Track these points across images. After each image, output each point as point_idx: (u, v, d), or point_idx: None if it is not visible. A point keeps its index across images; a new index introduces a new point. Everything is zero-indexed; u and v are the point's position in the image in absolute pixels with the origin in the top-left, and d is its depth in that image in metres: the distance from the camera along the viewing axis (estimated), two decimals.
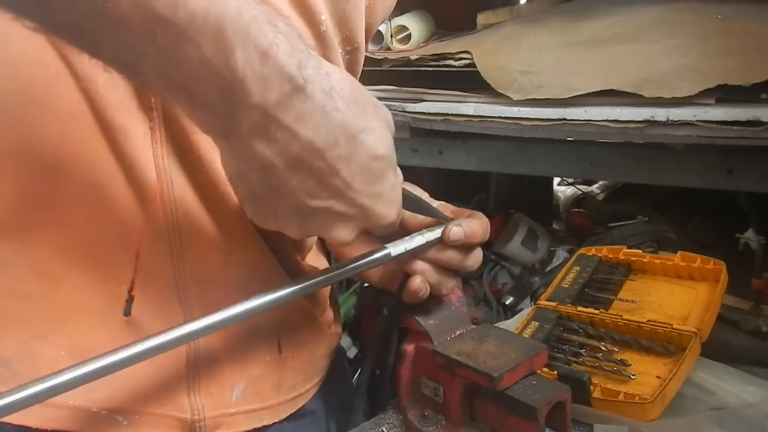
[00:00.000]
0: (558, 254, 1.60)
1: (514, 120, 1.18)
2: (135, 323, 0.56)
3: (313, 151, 0.43)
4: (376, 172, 0.48)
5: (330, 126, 0.43)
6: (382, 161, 0.48)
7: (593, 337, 0.89)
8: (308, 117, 0.42)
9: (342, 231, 0.49)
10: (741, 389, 0.80)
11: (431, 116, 1.27)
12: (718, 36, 1.11)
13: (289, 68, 0.40)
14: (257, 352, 0.63)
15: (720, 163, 1.10)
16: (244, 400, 0.64)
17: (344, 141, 0.44)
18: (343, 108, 0.44)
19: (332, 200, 0.46)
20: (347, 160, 0.45)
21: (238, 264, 0.59)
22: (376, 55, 1.41)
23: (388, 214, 0.50)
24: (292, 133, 0.42)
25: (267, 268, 0.62)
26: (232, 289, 0.58)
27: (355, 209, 0.48)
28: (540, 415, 0.58)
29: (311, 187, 0.45)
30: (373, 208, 0.49)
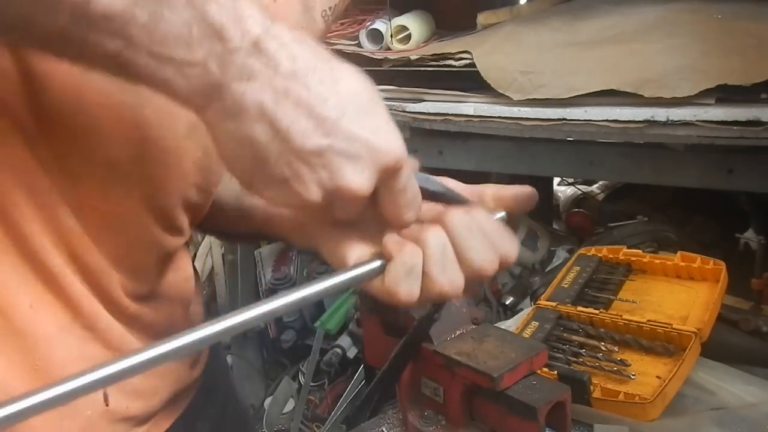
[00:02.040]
0: (558, 254, 1.60)
1: (514, 120, 1.18)
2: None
3: (296, 77, 0.43)
4: (365, 103, 0.46)
5: (305, 54, 0.44)
6: (364, 90, 0.46)
7: (593, 337, 0.89)
8: (286, 46, 0.43)
9: (352, 173, 0.45)
10: (741, 389, 0.80)
11: (431, 116, 1.27)
12: (718, 36, 1.11)
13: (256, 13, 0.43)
14: (76, 407, 0.55)
15: (720, 163, 1.10)
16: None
17: (322, 67, 0.45)
18: (311, 43, 0.45)
19: (330, 137, 0.44)
20: (332, 86, 0.45)
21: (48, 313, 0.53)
22: (376, 55, 1.42)
23: (395, 147, 0.47)
24: (274, 65, 0.43)
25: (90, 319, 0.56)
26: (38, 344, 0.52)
27: (357, 144, 0.45)
28: (540, 415, 0.58)
29: (304, 124, 0.44)
30: (376, 141, 0.46)
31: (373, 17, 1.47)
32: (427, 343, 0.67)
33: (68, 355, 0.54)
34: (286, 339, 2.18)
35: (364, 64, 1.42)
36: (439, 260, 0.51)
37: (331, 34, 1.48)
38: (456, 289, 0.51)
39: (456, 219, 0.52)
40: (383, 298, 0.52)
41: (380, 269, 0.51)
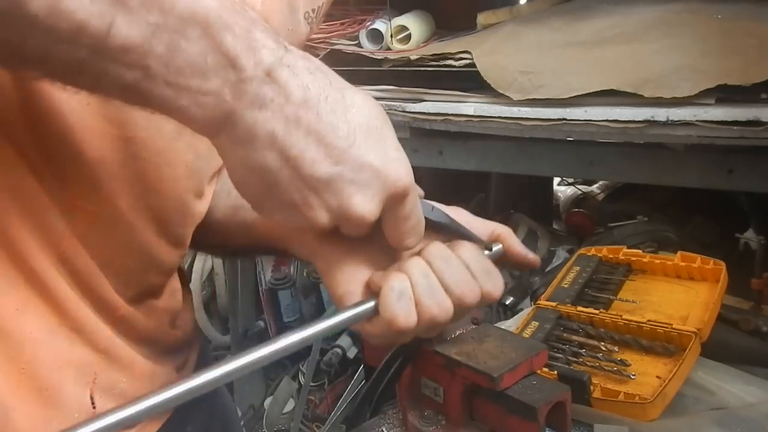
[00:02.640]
0: (558, 254, 1.60)
1: (514, 120, 1.18)
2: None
3: (308, 105, 0.44)
4: (374, 127, 0.47)
5: (317, 82, 0.45)
6: (376, 118, 0.48)
7: (593, 337, 0.89)
8: (296, 77, 0.44)
9: (361, 201, 0.47)
10: (741, 389, 0.80)
11: (431, 116, 1.27)
12: (717, 36, 1.11)
13: (270, 40, 0.44)
14: (63, 408, 0.55)
15: (720, 163, 1.10)
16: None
17: (333, 95, 0.46)
18: (325, 70, 0.47)
19: (339, 165, 0.46)
20: (343, 114, 0.46)
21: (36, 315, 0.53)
22: (376, 55, 1.42)
23: (403, 175, 0.48)
24: (286, 94, 0.44)
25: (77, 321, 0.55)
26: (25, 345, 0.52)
27: (366, 172, 0.47)
28: (540, 415, 0.58)
29: (314, 152, 0.45)
30: (384, 169, 0.47)
31: (373, 17, 1.47)
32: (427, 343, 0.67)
33: (55, 357, 0.54)
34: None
35: (364, 64, 1.42)
36: (424, 285, 0.53)
37: (331, 34, 1.48)
38: (445, 312, 0.53)
39: (433, 250, 0.55)
40: (384, 332, 0.54)
41: (374, 309, 0.53)
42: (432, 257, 0.54)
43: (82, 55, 0.39)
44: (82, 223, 0.53)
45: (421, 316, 0.53)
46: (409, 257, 0.55)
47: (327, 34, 1.48)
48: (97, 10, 0.38)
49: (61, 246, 0.52)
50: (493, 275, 0.57)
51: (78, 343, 0.55)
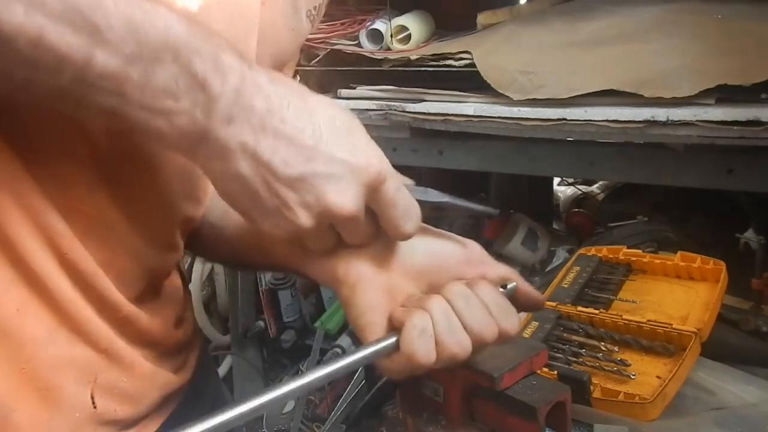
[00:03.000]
0: (558, 254, 1.60)
1: (514, 120, 1.18)
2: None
3: (271, 114, 0.48)
4: (341, 126, 0.50)
5: (279, 92, 0.49)
6: (343, 116, 0.51)
7: (593, 337, 0.89)
8: (258, 91, 0.48)
9: (337, 193, 0.49)
10: (741, 389, 0.80)
11: (431, 116, 1.27)
12: (717, 36, 1.11)
13: (236, 62, 0.47)
14: (64, 408, 0.56)
15: (720, 163, 1.10)
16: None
17: (296, 102, 0.49)
18: (287, 82, 0.50)
19: (310, 163, 0.48)
20: (307, 115, 0.49)
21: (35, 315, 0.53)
22: (376, 55, 1.42)
23: (374, 162, 0.51)
24: (250, 107, 0.47)
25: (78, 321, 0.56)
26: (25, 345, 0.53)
27: (337, 166, 0.49)
28: (540, 415, 0.58)
29: (283, 153, 0.48)
30: (355, 159, 0.50)
31: (373, 17, 1.47)
32: None
33: (56, 357, 0.54)
34: (286, 339, 2.18)
35: (364, 64, 1.42)
36: (445, 324, 0.54)
37: (331, 34, 1.48)
38: (464, 350, 0.55)
39: (454, 288, 0.56)
40: (403, 368, 0.55)
41: (395, 345, 0.54)
42: (452, 296, 0.56)
43: (63, 83, 0.42)
44: (81, 224, 0.53)
45: (440, 354, 0.54)
46: (431, 295, 0.56)
47: (327, 34, 1.47)
48: (77, 45, 0.41)
49: (61, 247, 0.52)
50: (510, 313, 0.58)
51: (79, 343, 0.55)
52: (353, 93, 1.39)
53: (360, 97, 1.38)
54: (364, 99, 1.37)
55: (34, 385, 0.53)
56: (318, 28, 1.46)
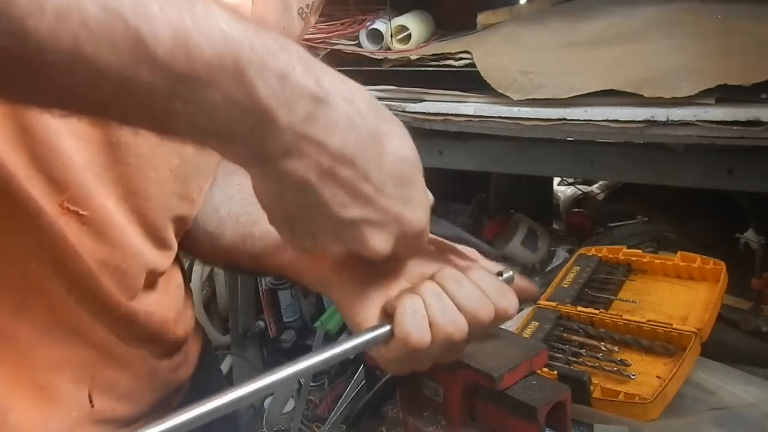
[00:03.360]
0: (558, 254, 1.60)
1: (514, 120, 1.18)
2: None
3: (343, 159, 0.44)
4: (405, 175, 0.48)
5: (356, 132, 0.44)
6: (409, 163, 0.48)
7: (593, 337, 0.89)
8: (335, 126, 0.43)
9: (378, 240, 0.49)
10: (741, 389, 0.80)
11: (431, 116, 1.27)
12: (717, 36, 1.11)
13: (308, 85, 0.42)
14: (61, 407, 0.56)
15: (720, 163, 1.10)
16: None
17: (372, 145, 0.45)
18: (365, 113, 0.45)
19: (365, 208, 0.47)
20: (377, 164, 0.46)
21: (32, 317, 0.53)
22: (376, 55, 1.42)
23: (419, 219, 0.50)
24: (322, 145, 0.43)
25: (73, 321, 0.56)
26: (22, 346, 0.53)
27: (388, 216, 0.48)
28: (540, 415, 0.58)
29: (343, 198, 0.45)
30: (405, 214, 0.49)
31: (373, 17, 1.47)
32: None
33: (52, 356, 0.54)
34: (286, 339, 2.18)
35: (364, 64, 1.42)
36: (437, 304, 0.53)
37: (331, 34, 1.48)
38: (460, 329, 0.53)
39: (445, 273, 0.56)
40: (400, 355, 0.54)
41: (390, 332, 0.53)
42: (444, 279, 0.55)
43: (105, 97, 0.37)
44: (75, 226, 0.53)
45: (435, 335, 0.53)
46: (422, 281, 0.56)
47: (327, 34, 1.47)
48: (119, 59, 0.35)
49: (56, 250, 0.52)
50: (507, 293, 0.57)
51: (75, 343, 0.56)
52: None
53: None
54: None
55: (31, 384, 0.53)
56: (318, 28, 1.46)
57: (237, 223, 0.69)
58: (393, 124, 0.48)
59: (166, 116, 0.39)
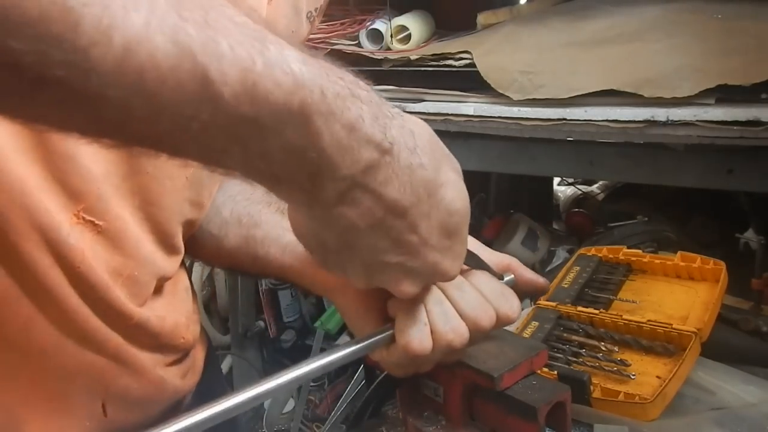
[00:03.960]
0: (558, 254, 1.60)
1: (514, 120, 1.18)
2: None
3: (396, 210, 0.43)
4: (452, 227, 0.47)
5: (414, 184, 0.43)
6: (459, 215, 0.47)
7: (593, 337, 0.89)
8: (395, 178, 0.42)
9: (409, 285, 0.48)
10: (741, 389, 0.80)
11: (431, 116, 1.27)
12: (718, 36, 1.11)
13: (375, 136, 0.40)
14: (75, 417, 0.56)
15: (720, 163, 1.10)
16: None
17: (426, 197, 0.44)
18: (426, 163, 0.44)
19: (406, 256, 0.46)
20: (427, 216, 0.45)
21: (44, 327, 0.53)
22: (376, 55, 1.42)
23: (453, 269, 0.49)
24: (378, 196, 0.42)
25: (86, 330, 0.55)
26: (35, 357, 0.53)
27: (426, 266, 0.47)
28: (540, 415, 0.58)
29: (387, 245, 0.45)
30: (442, 264, 0.48)
31: (373, 17, 1.47)
32: None
33: (65, 367, 0.54)
34: (286, 339, 2.18)
35: (364, 64, 1.42)
36: (438, 311, 0.53)
37: (331, 34, 1.48)
38: (460, 336, 0.54)
39: None
40: (401, 360, 0.54)
41: (391, 336, 0.54)
42: (445, 286, 0.55)
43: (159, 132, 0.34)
44: (90, 236, 0.53)
45: (437, 342, 0.53)
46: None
47: (327, 34, 1.47)
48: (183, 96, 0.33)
49: (72, 260, 0.52)
50: (509, 297, 0.57)
51: (88, 352, 0.55)
52: None
53: None
54: None
55: (45, 395, 0.53)
56: (318, 28, 1.46)
57: (239, 224, 0.69)
58: (450, 171, 0.47)
59: (222, 156, 0.37)
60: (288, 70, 0.36)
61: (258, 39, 0.35)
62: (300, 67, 0.36)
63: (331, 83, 0.38)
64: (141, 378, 0.61)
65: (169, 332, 0.63)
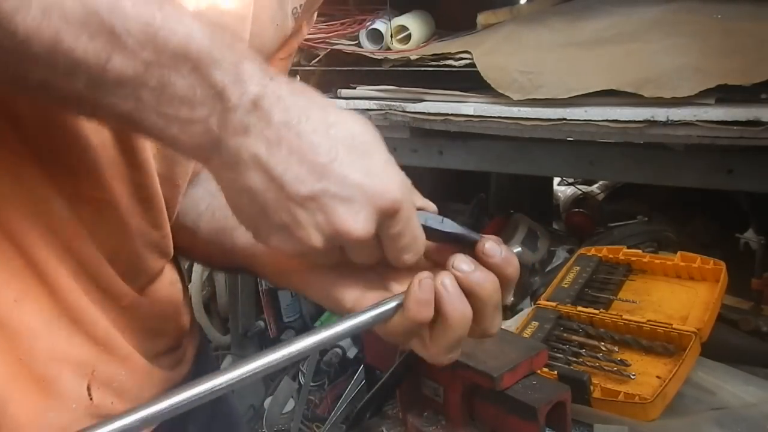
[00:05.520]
0: (558, 254, 1.60)
1: (514, 120, 1.18)
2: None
3: (288, 127, 0.46)
4: (360, 146, 0.48)
5: (299, 103, 0.47)
6: (364, 136, 0.48)
7: (593, 337, 0.89)
8: (278, 102, 0.46)
9: (349, 216, 0.47)
10: (741, 389, 0.80)
11: (431, 116, 1.27)
12: (717, 36, 1.11)
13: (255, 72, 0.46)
14: (61, 399, 0.56)
15: (720, 163, 1.10)
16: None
17: (315, 115, 0.47)
18: (309, 93, 0.48)
19: (323, 182, 0.46)
20: (325, 134, 0.47)
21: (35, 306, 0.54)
22: (376, 55, 1.42)
23: (390, 189, 0.48)
24: (267, 118, 0.46)
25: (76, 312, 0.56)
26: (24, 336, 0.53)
27: (350, 188, 0.47)
28: (540, 415, 0.59)
29: (297, 171, 0.46)
30: (369, 184, 0.47)
31: (373, 17, 1.47)
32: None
33: (53, 349, 0.54)
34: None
35: (364, 64, 1.42)
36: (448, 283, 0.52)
37: (331, 34, 1.48)
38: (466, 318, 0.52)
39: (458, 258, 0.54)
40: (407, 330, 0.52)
41: (396, 308, 0.52)
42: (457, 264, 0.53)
43: (79, 88, 0.42)
44: (88, 210, 0.54)
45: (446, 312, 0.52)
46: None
47: (327, 34, 1.48)
48: (94, 49, 0.41)
49: (65, 235, 0.53)
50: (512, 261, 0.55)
51: (76, 335, 0.56)
52: (353, 93, 1.39)
53: (360, 97, 1.38)
54: (364, 99, 1.37)
55: (31, 375, 0.54)
56: (318, 28, 1.46)
57: (213, 217, 0.70)
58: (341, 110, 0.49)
59: (135, 107, 0.44)
60: (181, 22, 0.44)
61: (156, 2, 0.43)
62: (191, 21, 0.44)
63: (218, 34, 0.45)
64: (128, 365, 0.61)
65: (158, 318, 0.64)
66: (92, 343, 0.57)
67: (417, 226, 0.52)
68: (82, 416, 0.58)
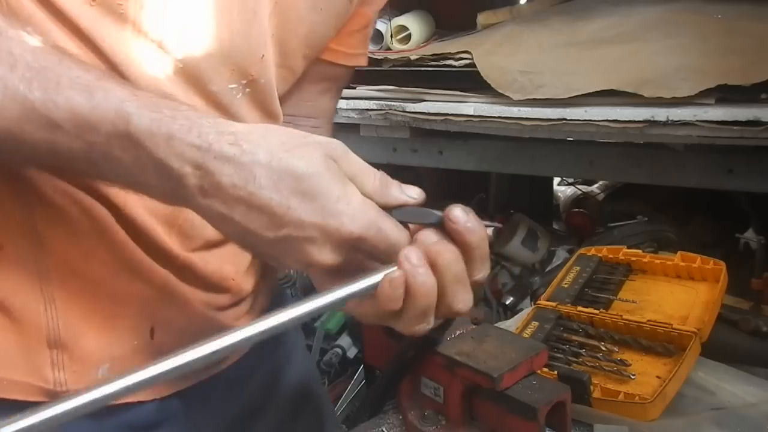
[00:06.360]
0: (558, 254, 1.60)
1: (514, 120, 1.18)
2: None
3: (238, 188, 0.50)
4: (308, 189, 0.51)
5: (244, 167, 0.50)
6: (311, 178, 0.51)
7: (593, 337, 0.89)
8: (224, 167, 0.50)
9: (314, 253, 0.51)
10: (741, 389, 0.80)
11: (431, 116, 1.27)
12: (718, 36, 1.11)
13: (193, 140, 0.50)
14: (124, 336, 0.67)
15: (720, 163, 1.10)
16: None
17: (263, 173, 0.50)
18: (251, 149, 0.51)
19: (285, 229, 0.51)
20: (274, 188, 0.50)
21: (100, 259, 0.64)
22: (376, 55, 1.42)
23: (343, 223, 0.51)
24: (217, 185, 0.50)
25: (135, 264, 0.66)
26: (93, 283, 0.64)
27: (308, 229, 0.51)
28: (540, 415, 0.59)
29: (264, 222, 0.51)
30: (324, 224, 0.51)
31: None
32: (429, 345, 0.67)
33: (117, 294, 0.65)
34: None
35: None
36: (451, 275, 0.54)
37: None
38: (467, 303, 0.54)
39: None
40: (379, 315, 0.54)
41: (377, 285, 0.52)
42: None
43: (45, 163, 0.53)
44: None
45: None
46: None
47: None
48: (41, 137, 0.50)
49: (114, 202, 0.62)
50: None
51: (137, 283, 0.66)
52: (353, 93, 1.39)
53: (360, 97, 1.38)
54: (364, 99, 1.37)
55: (100, 315, 0.65)
56: None
57: None
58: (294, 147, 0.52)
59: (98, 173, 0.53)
60: (110, 100, 0.50)
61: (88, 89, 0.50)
62: (118, 96, 0.51)
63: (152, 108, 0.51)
64: (186, 311, 0.70)
65: (215, 277, 0.72)
66: (152, 290, 0.67)
67: (390, 234, 0.53)
68: (142, 352, 0.67)
